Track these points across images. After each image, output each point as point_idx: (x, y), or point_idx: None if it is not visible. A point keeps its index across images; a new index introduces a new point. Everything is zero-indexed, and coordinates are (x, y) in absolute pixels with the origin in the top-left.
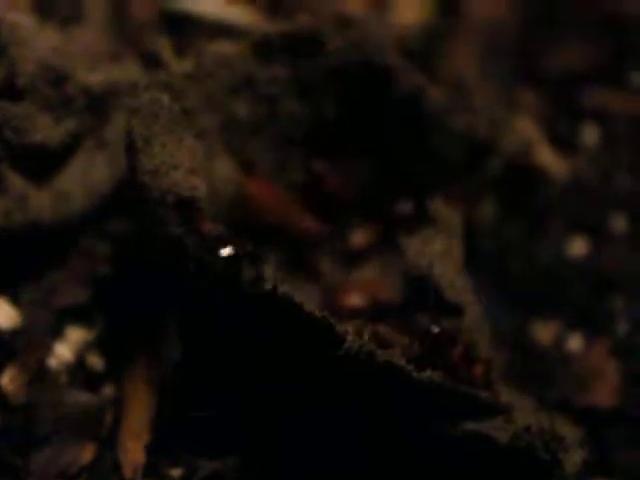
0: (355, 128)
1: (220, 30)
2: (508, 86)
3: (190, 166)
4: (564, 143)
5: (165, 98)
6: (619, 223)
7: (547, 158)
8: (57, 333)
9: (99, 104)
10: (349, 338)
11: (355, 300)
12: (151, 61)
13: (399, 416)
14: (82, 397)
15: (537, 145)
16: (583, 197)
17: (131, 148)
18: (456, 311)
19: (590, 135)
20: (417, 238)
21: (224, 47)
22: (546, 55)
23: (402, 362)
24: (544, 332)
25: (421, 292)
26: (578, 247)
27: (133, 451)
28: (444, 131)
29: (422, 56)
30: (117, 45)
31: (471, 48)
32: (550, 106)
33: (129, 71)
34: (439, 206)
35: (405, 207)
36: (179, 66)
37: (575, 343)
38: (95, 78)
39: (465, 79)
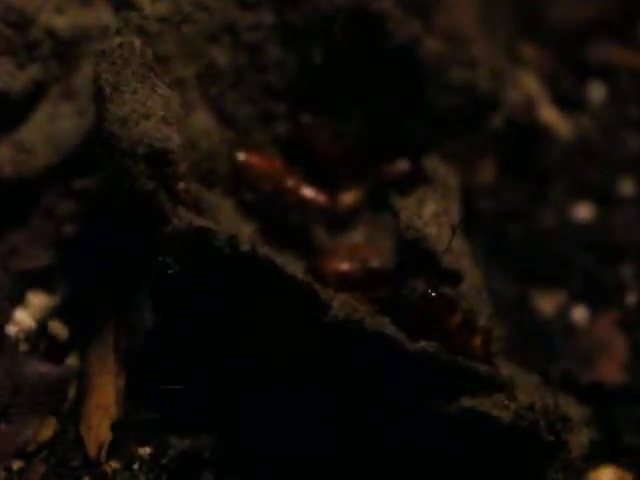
0: (345, 80)
1: None
2: (509, 39)
3: (163, 115)
4: (568, 101)
5: (137, 42)
6: (627, 186)
7: (550, 116)
8: (16, 298)
9: (66, 50)
10: (335, 305)
11: (344, 266)
12: (123, 4)
13: (390, 391)
14: (43, 367)
15: (540, 102)
16: (589, 158)
17: (99, 95)
18: (454, 277)
19: (596, 92)
20: (411, 198)
21: None
22: (550, 6)
23: (393, 332)
24: (546, 302)
25: (416, 256)
26: (583, 212)
27: (98, 427)
28: (441, 84)
29: (417, 5)
30: None
31: None
32: (554, 61)
33: (100, 15)
34: (435, 165)
35: (399, 166)
36: (153, 9)
37: (580, 315)
38: (62, 22)
39: (464, 30)
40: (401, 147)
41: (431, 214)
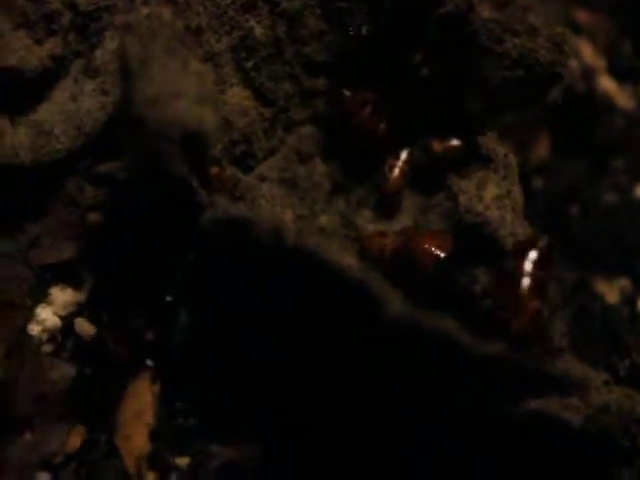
0: (391, 52)
1: None
2: (562, 4)
3: (197, 94)
4: (628, 71)
5: (167, 13)
6: None
7: (610, 87)
8: (39, 295)
9: (87, 22)
10: (394, 305)
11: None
12: None
13: (454, 392)
14: (69, 370)
15: (598, 72)
16: None
17: (125, 72)
18: None
19: None
20: (471, 180)
21: None
22: None
23: (457, 331)
24: (610, 290)
25: (476, 242)
26: None
27: (135, 436)
28: (497, 55)
29: None
30: None
31: None
32: (610, 28)
33: None
34: (493, 144)
35: (450, 144)
36: None
37: None
38: None
39: None
40: (452, 124)
41: (492, 197)
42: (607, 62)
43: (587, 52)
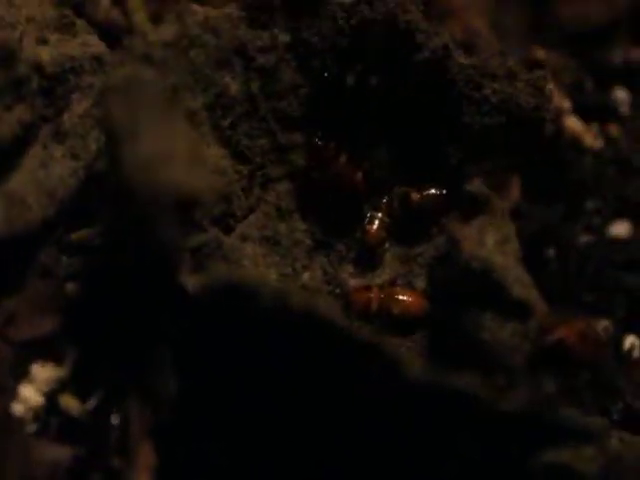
0: (367, 101)
1: None
2: (522, 44)
3: (188, 156)
4: (592, 109)
5: (149, 73)
6: None
7: (576, 127)
8: (20, 372)
9: (54, 85)
10: (414, 365)
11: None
12: (109, 29)
13: (470, 445)
14: (56, 451)
15: (565, 112)
16: (622, 169)
17: (111, 137)
18: (524, 309)
19: (621, 98)
20: (472, 227)
21: (209, 9)
22: (562, 7)
23: (475, 387)
24: None
25: (483, 288)
26: (621, 228)
27: None
28: (476, 101)
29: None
30: (65, 12)
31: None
32: (572, 67)
33: (87, 43)
34: (483, 189)
35: (429, 193)
36: (156, 34)
37: (633, 344)
38: (47, 53)
39: (478, 37)
40: (432, 171)
41: (494, 243)
42: (572, 101)
43: (553, 92)
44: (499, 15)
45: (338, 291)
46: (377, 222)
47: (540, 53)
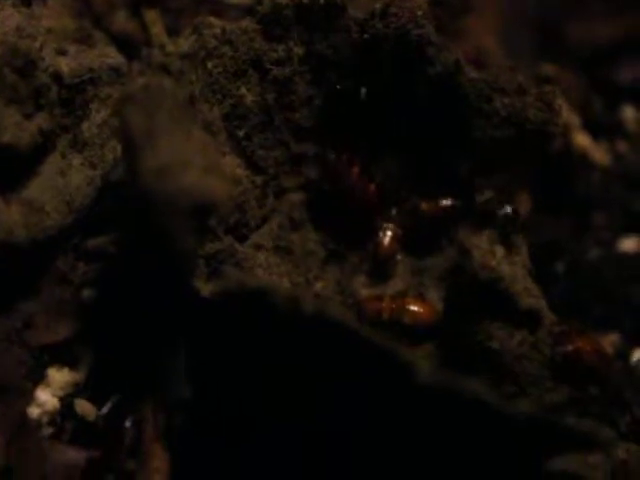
0: (381, 114)
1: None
2: (533, 63)
3: (204, 164)
4: (601, 125)
5: (167, 82)
6: None
7: (585, 143)
8: (37, 376)
9: (73, 95)
10: (425, 370)
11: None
12: (127, 41)
13: (479, 452)
14: (71, 453)
15: (572, 127)
16: (630, 185)
17: (129, 145)
18: (533, 320)
19: (629, 115)
20: (482, 237)
21: (226, 22)
22: (570, 26)
23: (486, 394)
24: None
25: (492, 298)
26: (630, 243)
27: None
28: (486, 115)
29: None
30: (83, 23)
31: (490, 22)
32: (581, 85)
33: (105, 54)
34: (491, 200)
35: (440, 205)
36: (174, 46)
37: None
38: (66, 64)
39: (489, 56)
40: (443, 183)
41: (503, 253)
42: (581, 118)
43: (562, 107)
44: (509, 34)
45: (350, 301)
46: (389, 233)
47: (550, 70)
